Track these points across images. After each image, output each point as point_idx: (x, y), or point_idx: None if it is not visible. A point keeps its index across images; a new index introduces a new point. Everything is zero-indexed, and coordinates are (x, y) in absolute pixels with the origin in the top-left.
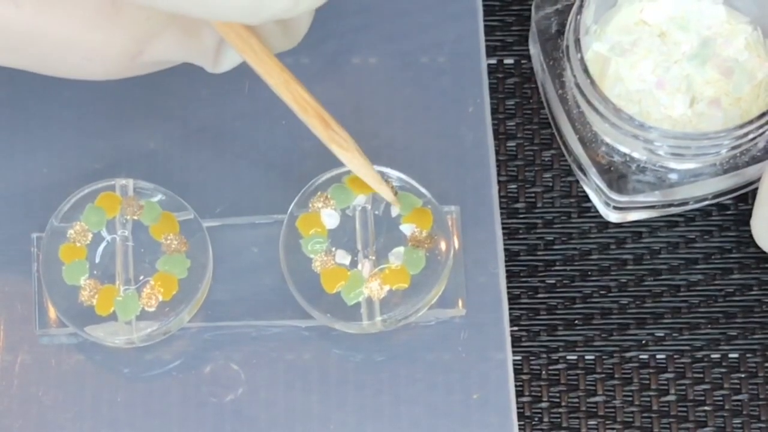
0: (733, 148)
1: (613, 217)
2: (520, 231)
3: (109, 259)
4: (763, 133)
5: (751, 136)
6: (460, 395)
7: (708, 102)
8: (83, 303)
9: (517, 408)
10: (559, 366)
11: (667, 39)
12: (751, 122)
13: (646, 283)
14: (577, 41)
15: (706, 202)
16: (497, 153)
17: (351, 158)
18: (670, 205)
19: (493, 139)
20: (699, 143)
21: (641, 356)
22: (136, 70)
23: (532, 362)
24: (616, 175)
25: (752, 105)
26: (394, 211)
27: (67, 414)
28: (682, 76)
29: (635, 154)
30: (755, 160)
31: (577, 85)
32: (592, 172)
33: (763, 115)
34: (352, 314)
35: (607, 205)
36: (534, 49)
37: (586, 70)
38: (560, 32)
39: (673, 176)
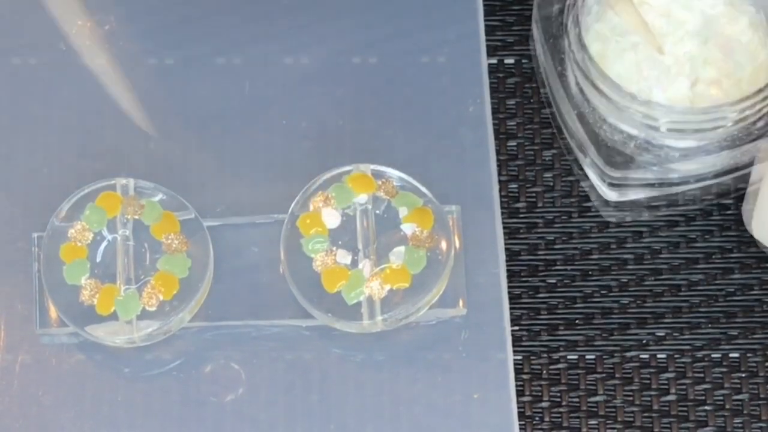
0: (733, 124)
1: (611, 195)
2: (521, 231)
3: (110, 258)
4: (760, 109)
5: (748, 112)
6: (461, 395)
7: (709, 83)
8: (84, 302)
9: (518, 407)
10: (560, 365)
11: (670, 18)
12: (748, 98)
13: (646, 282)
14: (576, 19)
15: (707, 182)
16: (498, 153)
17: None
18: (670, 184)
19: (494, 138)
20: (698, 118)
21: (642, 356)
22: None
23: (533, 362)
24: (615, 153)
25: (753, 87)
26: (402, 212)
27: (67, 414)
28: (684, 57)
29: (635, 132)
30: (753, 137)
31: (577, 63)
32: (591, 150)
33: (760, 91)
34: (352, 314)
35: (605, 182)
36: (536, 30)
37: (586, 48)
38: (562, 11)
39: (673, 154)
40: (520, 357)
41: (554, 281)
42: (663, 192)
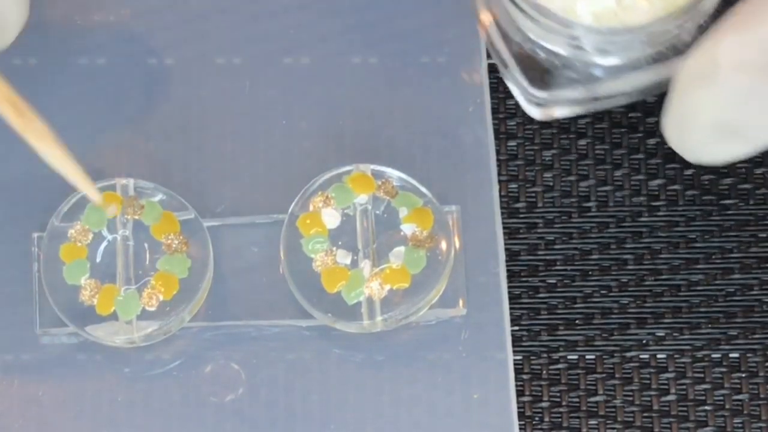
0: (658, 42)
1: (535, 113)
2: (521, 230)
3: (110, 258)
4: (685, 26)
5: (675, 31)
6: (460, 395)
7: None
8: (84, 303)
9: (518, 408)
10: (560, 366)
11: None
12: (674, 16)
13: (646, 282)
14: None
15: (634, 97)
16: (498, 152)
17: (47, 149)
18: (595, 100)
19: (494, 138)
20: (623, 38)
21: (642, 356)
22: None
23: (533, 362)
24: (539, 71)
25: None
26: (402, 212)
27: (67, 414)
28: None
29: (559, 50)
30: (679, 52)
31: None
32: (514, 68)
33: (686, 11)
34: (352, 314)
35: (529, 101)
36: None
37: None
38: None
39: (597, 71)
40: (520, 357)
41: (554, 281)
42: (588, 109)
